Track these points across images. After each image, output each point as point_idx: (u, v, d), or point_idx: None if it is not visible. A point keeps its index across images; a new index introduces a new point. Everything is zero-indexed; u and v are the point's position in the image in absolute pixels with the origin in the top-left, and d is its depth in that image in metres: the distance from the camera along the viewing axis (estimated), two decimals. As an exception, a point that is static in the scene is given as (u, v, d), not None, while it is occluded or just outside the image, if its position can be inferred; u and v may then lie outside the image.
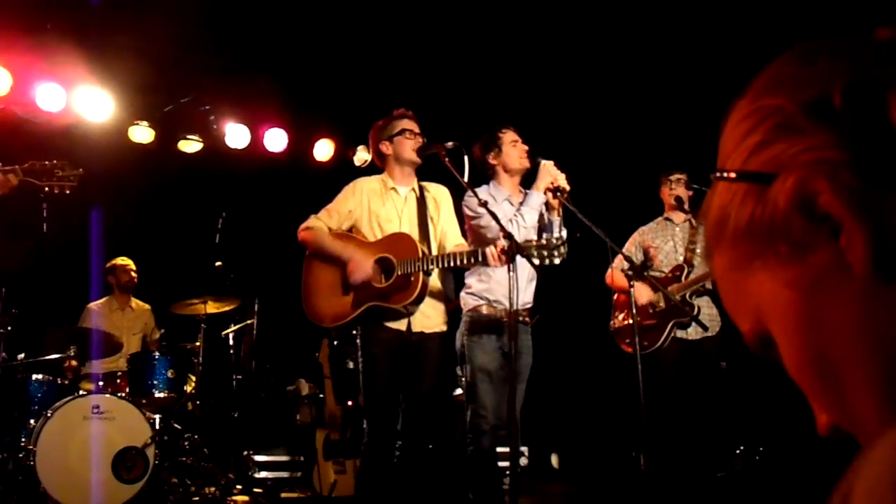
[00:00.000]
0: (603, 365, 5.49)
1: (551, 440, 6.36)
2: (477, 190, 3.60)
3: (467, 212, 3.76)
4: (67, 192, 3.87)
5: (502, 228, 3.20)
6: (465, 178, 3.60)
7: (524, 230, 3.55)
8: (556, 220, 3.59)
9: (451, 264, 3.41)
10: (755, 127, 0.54)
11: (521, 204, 3.70)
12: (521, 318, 3.64)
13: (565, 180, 3.55)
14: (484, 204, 3.35)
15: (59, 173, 3.80)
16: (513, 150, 3.85)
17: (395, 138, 3.69)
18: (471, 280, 3.79)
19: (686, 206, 4.64)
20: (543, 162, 3.64)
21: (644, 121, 5.97)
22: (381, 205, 3.63)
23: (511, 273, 3.09)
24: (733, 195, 0.54)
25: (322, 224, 3.62)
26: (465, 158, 3.65)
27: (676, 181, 4.67)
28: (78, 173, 3.86)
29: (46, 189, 3.81)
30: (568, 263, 3.40)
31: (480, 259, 3.24)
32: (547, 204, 3.64)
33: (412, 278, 3.41)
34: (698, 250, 4.52)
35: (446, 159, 3.51)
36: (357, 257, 3.45)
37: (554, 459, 6.20)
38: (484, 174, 3.94)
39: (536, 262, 3.12)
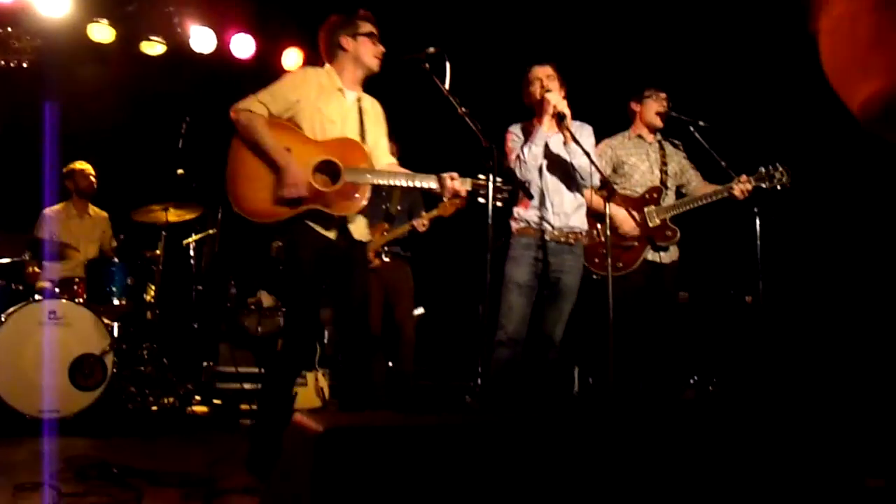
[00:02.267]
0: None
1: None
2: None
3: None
4: (24, 65, 3.65)
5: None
6: (447, 86, 3.55)
7: (531, 163, 3.83)
8: (572, 147, 3.75)
9: (401, 184, 3.37)
10: None
11: (528, 140, 3.85)
12: (564, 240, 3.89)
13: (565, 106, 3.69)
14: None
15: (14, 44, 3.56)
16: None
17: (359, 37, 3.47)
18: (517, 208, 3.97)
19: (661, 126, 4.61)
20: (546, 95, 3.77)
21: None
22: (328, 102, 3.40)
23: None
24: None
25: (262, 109, 3.27)
26: (447, 65, 3.56)
27: (664, 99, 4.62)
28: (36, 45, 3.62)
29: (2, 63, 3.58)
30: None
31: (436, 188, 3.34)
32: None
33: (359, 188, 3.33)
34: (670, 172, 4.53)
35: (426, 65, 3.41)
36: (293, 169, 3.20)
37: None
38: None
39: (481, 200, 3.27)
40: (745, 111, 5.93)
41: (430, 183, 3.35)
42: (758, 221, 4.56)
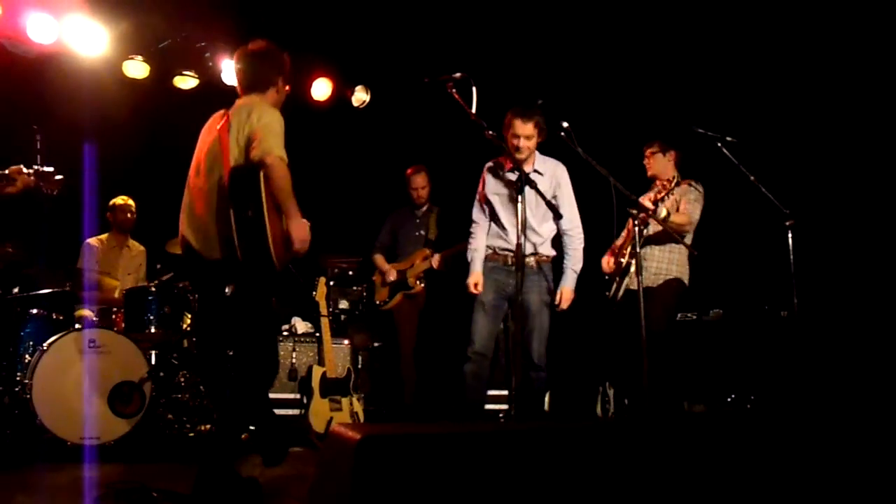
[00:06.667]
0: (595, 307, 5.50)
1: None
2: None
3: None
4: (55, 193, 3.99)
5: None
6: (473, 110, 3.70)
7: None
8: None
9: None
10: None
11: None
12: (528, 264, 4.20)
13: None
14: None
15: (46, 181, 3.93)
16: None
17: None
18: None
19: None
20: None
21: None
22: None
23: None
24: None
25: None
26: (473, 90, 3.66)
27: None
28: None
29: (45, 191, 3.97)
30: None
31: None
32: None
33: None
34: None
35: (453, 90, 3.61)
36: (305, 226, 3.20)
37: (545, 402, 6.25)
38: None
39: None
40: (775, 124, 5.91)
41: None
42: (790, 235, 4.54)
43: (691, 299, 5.12)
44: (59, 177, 3.95)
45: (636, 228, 4.12)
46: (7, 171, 3.85)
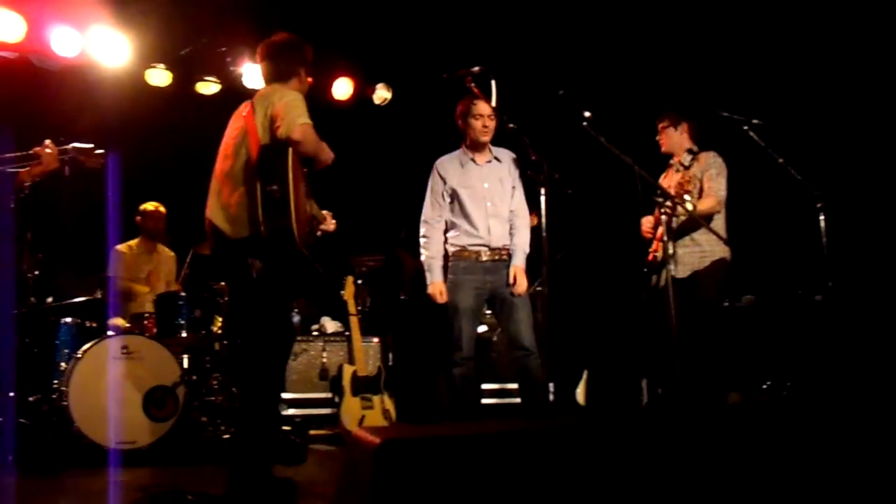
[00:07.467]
0: (632, 298, 5.46)
1: (578, 376, 6.37)
2: None
3: None
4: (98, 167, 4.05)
5: None
6: (493, 103, 3.76)
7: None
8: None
9: None
10: None
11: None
12: (498, 257, 4.19)
13: None
14: None
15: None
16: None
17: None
18: (451, 232, 4.25)
19: None
20: None
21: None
22: None
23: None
24: None
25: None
26: (493, 84, 3.65)
27: None
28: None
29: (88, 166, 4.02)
30: (595, 197, 3.57)
31: None
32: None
33: None
34: None
35: (472, 85, 3.62)
36: None
37: (580, 395, 6.21)
38: None
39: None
40: (802, 103, 5.80)
41: None
42: (822, 217, 4.44)
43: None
44: (99, 151, 4.00)
45: (663, 217, 4.06)
46: (35, 150, 3.87)
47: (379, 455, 1.55)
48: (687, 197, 4.28)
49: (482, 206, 4.17)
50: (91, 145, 4.00)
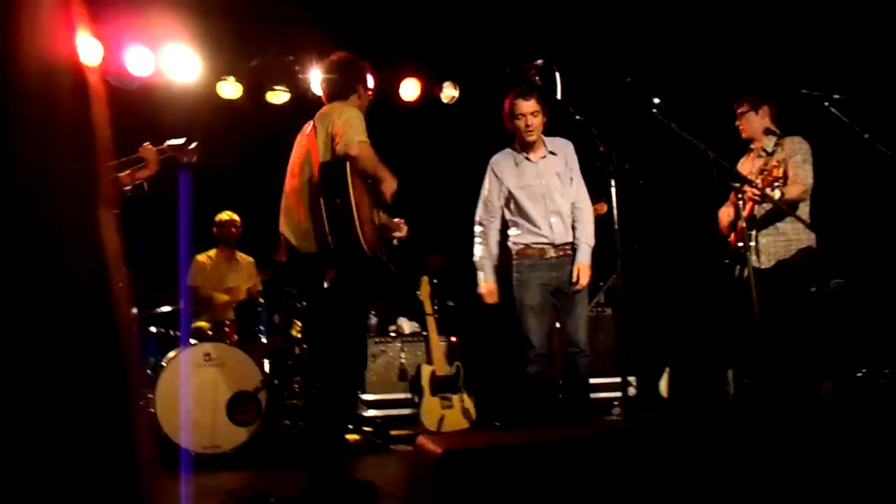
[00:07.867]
0: (715, 289, 5.30)
1: (661, 369, 6.23)
2: None
3: None
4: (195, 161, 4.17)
5: None
6: (558, 95, 3.71)
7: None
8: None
9: None
10: None
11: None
12: (563, 254, 4.19)
13: None
14: None
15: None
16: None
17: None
18: (512, 230, 4.29)
19: None
20: None
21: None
22: None
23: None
24: None
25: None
26: (557, 76, 3.63)
27: None
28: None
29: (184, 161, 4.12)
30: (669, 186, 3.50)
31: None
32: None
33: None
34: None
35: (536, 78, 3.67)
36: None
37: (663, 388, 6.07)
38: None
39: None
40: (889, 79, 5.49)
41: None
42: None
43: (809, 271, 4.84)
44: (194, 144, 4.10)
45: (740, 202, 3.92)
46: (138, 153, 3.95)
47: (440, 466, 1.53)
48: (776, 184, 4.13)
49: (542, 205, 4.15)
50: (184, 139, 4.10)
